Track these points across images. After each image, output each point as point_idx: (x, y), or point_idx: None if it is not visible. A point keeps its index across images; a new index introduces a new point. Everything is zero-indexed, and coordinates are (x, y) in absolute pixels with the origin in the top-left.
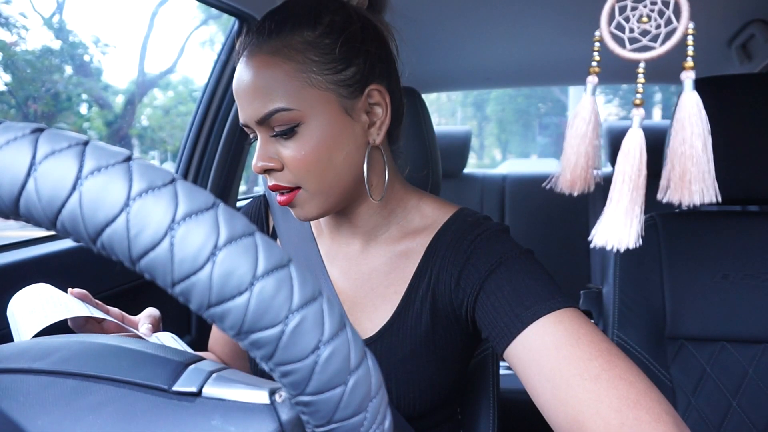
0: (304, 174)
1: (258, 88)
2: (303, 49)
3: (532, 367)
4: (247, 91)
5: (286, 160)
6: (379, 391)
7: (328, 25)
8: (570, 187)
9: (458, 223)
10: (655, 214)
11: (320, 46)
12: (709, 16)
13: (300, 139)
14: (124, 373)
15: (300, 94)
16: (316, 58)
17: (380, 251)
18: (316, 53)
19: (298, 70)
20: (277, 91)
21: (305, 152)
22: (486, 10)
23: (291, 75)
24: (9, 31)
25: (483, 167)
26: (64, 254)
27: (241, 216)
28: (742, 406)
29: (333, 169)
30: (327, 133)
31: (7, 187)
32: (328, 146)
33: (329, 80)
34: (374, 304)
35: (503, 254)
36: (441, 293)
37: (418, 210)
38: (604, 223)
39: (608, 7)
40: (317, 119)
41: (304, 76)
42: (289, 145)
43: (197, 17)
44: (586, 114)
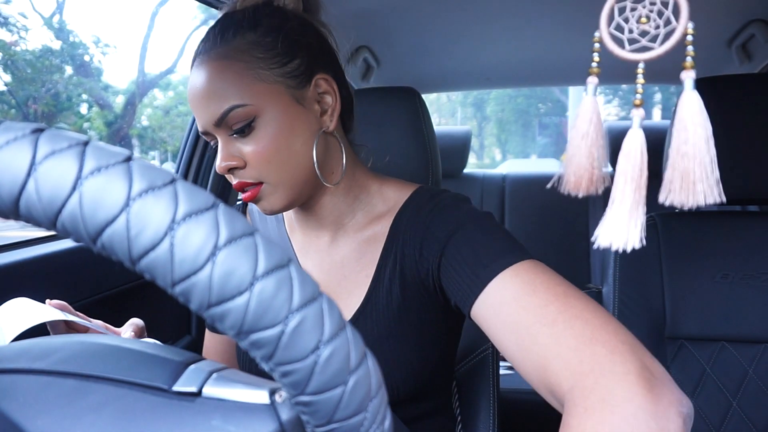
0: (266, 166)
1: (211, 91)
2: (248, 49)
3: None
4: (202, 96)
5: (247, 156)
6: (379, 391)
7: (266, 25)
8: (576, 188)
9: (417, 199)
10: (655, 214)
11: (263, 44)
12: (709, 16)
13: (257, 133)
14: (124, 373)
15: (251, 90)
16: (261, 55)
17: (349, 239)
18: (260, 51)
19: (246, 69)
20: (229, 90)
21: (264, 144)
22: (486, 11)
23: (240, 74)
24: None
25: (483, 167)
26: (64, 254)
27: (241, 216)
28: (742, 406)
29: (292, 158)
30: (282, 123)
31: (7, 187)
32: (285, 136)
33: (276, 73)
34: (348, 290)
35: (460, 218)
36: (409, 267)
37: (381, 194)
38: (608, 224)
39: (607, 8)
40: (271, 111)
41: (253, 72)
42: (248, 141)
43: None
44: (588, 114)
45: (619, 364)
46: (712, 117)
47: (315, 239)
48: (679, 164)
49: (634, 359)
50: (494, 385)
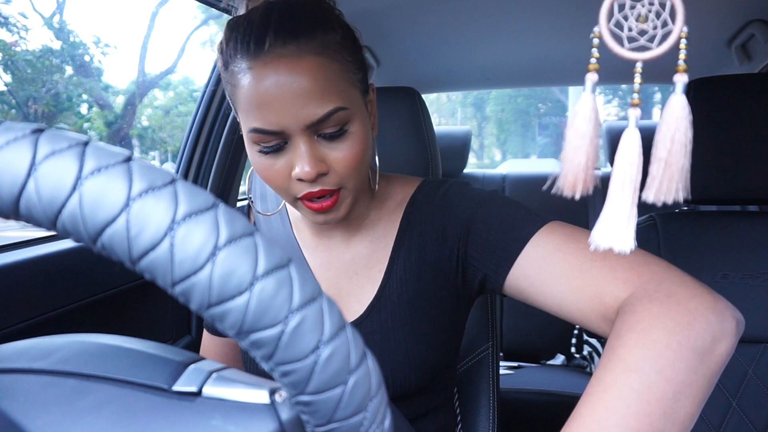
0: (352, 173)
1: (313, 90)
2: (339, 49)
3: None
4: (297, 94)
5: (334, 162)
6: (379, 390)
7: (343, 26)
8: (572, 189)
9: (425, 189)
10: (655, 214)
11: (347, 48)
12: (709, 16)
13: (349, 138)
14: (124, 373)
15: (348, 93)
16: (349, 59)
17: (362, 238)
18: (347, 54)
19: (343, 70)
20: (332, 90)
21: (355, 151)
22: (486, 11)
23: (340, 75)
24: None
25: (483, 167)
26: (64, 254)
27: (241, 216)
28: (742, 406)
29: (366, 164)
30: (365, 129)
31: (7, 187)
32: (368, 143)
33: (358, 79)
34: (360, 285)
35: (477, 196)
36: (429, 253)
37: (388, 191)
38: (604, 224)
39: (607, 4)
40: (358, 117)
41: (348, 75)
42: (337, 147)
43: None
44: (587, 112)
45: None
46: (712, 117)
47: (326, 239)
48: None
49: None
50: (494, 385)
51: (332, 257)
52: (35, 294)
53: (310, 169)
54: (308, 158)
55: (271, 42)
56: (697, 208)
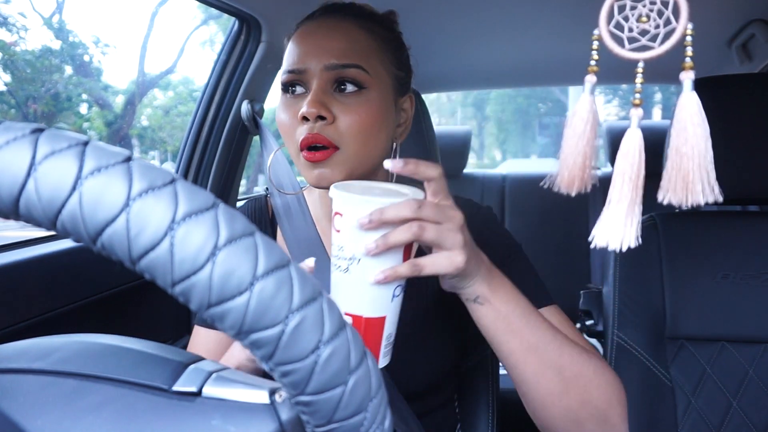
0: (352, 134)
1: (345, 41)
2: (383, 38)
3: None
4: (332, 39)
5: (339, 114)
6: (379, 390)
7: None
8: (568, 187)
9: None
10: (655, 214)
11: (393, 45)
12: (709, 16)
13: (362, 101)
14: (124, 373)
15: (375, 68)
16: (389, 50)
17: None
18: (390, 47)
19: (378, 50)
20: (360, 52)
21: (363, 114)
22: (486, 10)
23: (374, 49)
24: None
25: (483, 167)
26: (64, 254)
27: (241, 216)
28: (742, 407)
29: (374, 142)
30: (382, 108)
31: (7, 187)
32: (380, 120)
33: (394, 71)
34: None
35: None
36: None
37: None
38: (604, 223)
39: (607, 6)
40: (379, 94)
41: (382, 56)
42: (349, 103)
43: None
44: (585, 113)
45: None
46: (712, 117)
47: None
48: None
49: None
50: (494, 385)
51: None
52: (35, 294)
53: (313, 108)
54: (315, 96)
55: (323, 11)
56: (697, 208)
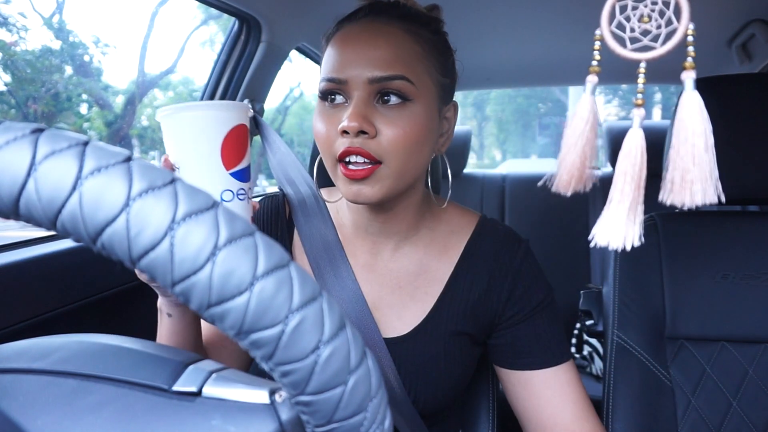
0: (396, 150)
1: (390, 50)
2: (429, 43)
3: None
4: (377, 48)
5: (382, 128)
6: (379, 390)
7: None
8: (566, 187)
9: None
10: (655, 214)
11: (439, 50)
12: (709, 16)
13: (406, 114)
14: (124, 373)
15: (421, 77)
16: (435, 56)
17: (410, 252)
18: (435, 53)
19: (424, 57)
20: (405, 62)
21: (407, 129)
22: (486, 11)
23: (419, 57)
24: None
25: (483, 167)
26: (64, 254)
27: (241, 216)
28: (742, 406)
29: (418, 156)
30: (427, 121)
31: (7, 187)
32: (424, 134)
33: (439, 78)
34: (403, 303)
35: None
36: (489, 300)
37: (444, 214)
38: (606, 223)
39: (609, 6)
40: (424, 106)
41: (428, 64)
42: (392, 116)
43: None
44: (585, 113)
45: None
46: (712, 117)
47: (370, 244)
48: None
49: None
50: (494, 385)
51: (375, 262)
52: (35, 294)
53: (354, 122)
54: (357, 110)
55: (367, 11)
56: (697, 208)
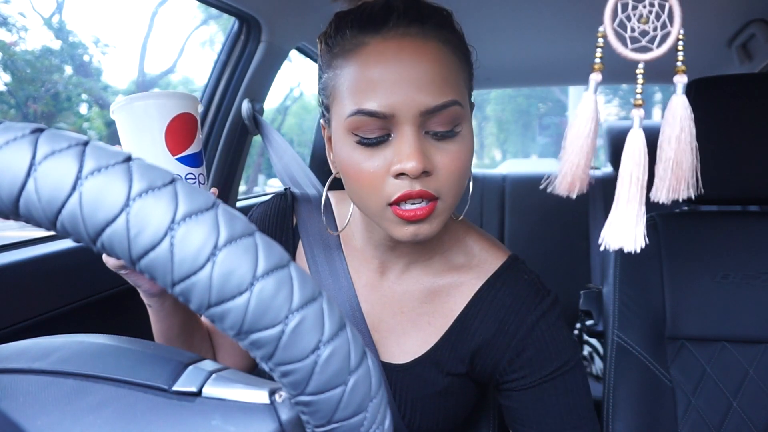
0: (454, 182)
1: (435, 76)
2: (459, 47)
3: None
4: (416, 77)
5: (439, 164)
6: (379, 391)
7: (459, 31)
8: (569, 189)
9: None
10: (655, 214)
11: (463, 50)
12: (710, 16)
13: (459, 141)
14: (124, 373)
15: (463, 93)
16: (465, 60)
17: (418, 277)
18: (462, 55)
19: (461, 68)
20: (452, 82)
21: (462, 157)
22: (486, 10)
23: (460, 70)
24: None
25: (483, 167)
26: (64, 254)
27: (241, 216)
28: (743, 406)
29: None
30: (471, 137)
31: (7, 187)
32: (472, 152)
33: (468, 86)
34: (404, 329)
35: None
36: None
37: (464, 244)
38: (614, 225)
39: (611, 3)
40: (468, 123)
41: (465, 75)
42: (446, 147)
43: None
44: (589, 113)
45: None
46: (712, 117)
47: (378, 262)
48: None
49: None
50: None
51: (380, 281)
52: (35, 294)
53: (416, 164)
54: (416, 151)
55: (396, 20)
56: (697, 208)
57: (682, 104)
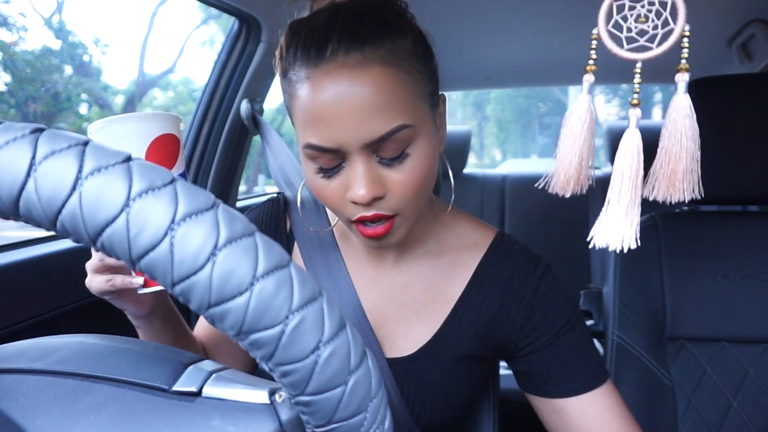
0: (410, 198)
1: (376, 104)
2: (409, 58)
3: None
4: (359, 109)
5: (392, 185)
6: (379, 391)
7: (415, 32)
8: (564, 188)
9: (509, 254)
10: (655, 214)
11: (418, 56)
12: (709, 16)
13: (411, 160)
14: (124, 373)
15: (416, 108)
16: (420, 68)
17: (416, 265)
18: (418, 63)
19: (411, 83)
20: (398, 105)
21: (418, 174)
22: (486, 11)
23: (408, 87)
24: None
25: (483, 167)
26: (64, 254)
27: (241, 216)
28: (742, 406)
29: (430, 185)
30: (430, 150)
31: (7, 187)
32: (432, 164)
33: (428, 92)
34: (409, 321)
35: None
36: (499, 326)
37: (455, 227)
38: (604, 224)
39: (606, 5)
40: (424, 136)
41: (417, 88)
42: (399, 168)
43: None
44: (582, 113)
45: None
46: (712, 117)
47: (374, 256)
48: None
49: None
50: (494, 385)
51: (380, 277)
52: (35, 294)
53: (365, 192)
54: (365, 180)
55: (334, 48)
56: (697, 208)
57: (684, 104)
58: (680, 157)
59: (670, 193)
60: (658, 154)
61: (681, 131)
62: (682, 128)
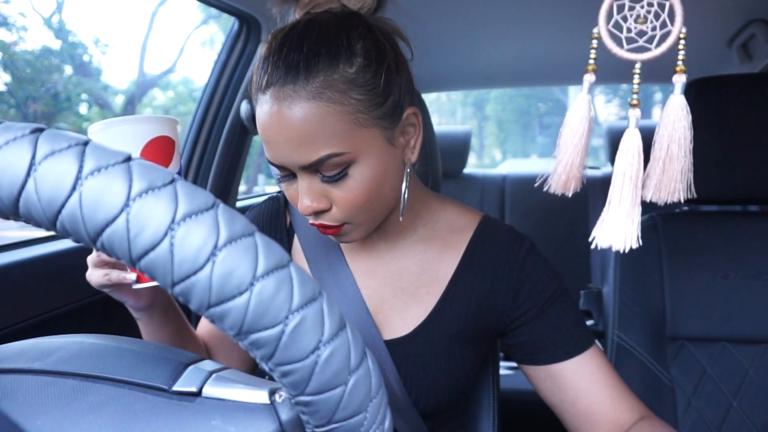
0: (355, 210)
1: (303, 135)
2: (345, 89)
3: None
4: (289, 139)
5: (336, 200)
6: (379, 391)
7: (364, 57)
8: (564, 188)
9: (495, 234)
10: (655, 214)
11: (361, 83)
12: (710, 16)
13: (351, 180)
14: (123, 373)
15: (348, 137)
16: (359, 97)
17: (409, 251)
18: (359, 92)
19: (343, 113)
20: (325, 136)
21: (357, 192)
22: (486, 10)
23: (338, 118)
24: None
25: (483, 167)
26: (64, 254)
27: (241, 216)
28: (742, 406)
29: (380, 201)
30: (376, 168)
31: (7, 187)
32: (378, 181)
33: (373, 116)
34: (405, 304)
35: (558, 285)
36: (491, 301)
37: (443, 213)
38: (606, 224)
39: (607, 5)
40: (367, 157)
41: (351, 117)
42: (339, 186)
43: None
44: (582, 113)
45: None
46: (712, 117)
47: (369, 245)
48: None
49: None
50: (494, 385)
51: (376, 265)
52: (35, 294)
53: (305, 207)
54: (305, 195)
55: (270, 81)
56: (697, 208)
57: (680, 104)
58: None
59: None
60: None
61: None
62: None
